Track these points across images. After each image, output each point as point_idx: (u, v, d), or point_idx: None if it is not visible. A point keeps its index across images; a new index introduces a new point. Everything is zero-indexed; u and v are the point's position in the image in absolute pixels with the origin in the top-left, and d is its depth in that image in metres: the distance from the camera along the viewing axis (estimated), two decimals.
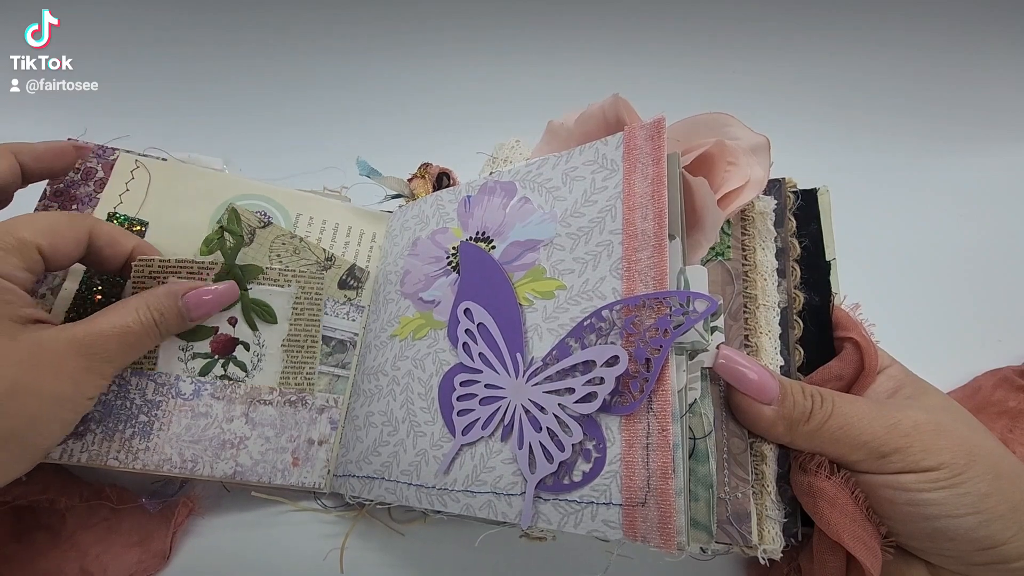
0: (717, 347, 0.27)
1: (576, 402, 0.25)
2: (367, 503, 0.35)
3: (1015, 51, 0.56)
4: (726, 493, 0.26)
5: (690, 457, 0.24)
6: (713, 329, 0.27)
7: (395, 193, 0.45)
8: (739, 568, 0.35)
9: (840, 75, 0.58)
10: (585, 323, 0.26)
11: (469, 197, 0.35)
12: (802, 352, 0.30)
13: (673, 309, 0.23)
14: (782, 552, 0.26)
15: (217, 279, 0.34)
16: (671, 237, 0.23)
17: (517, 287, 0.29)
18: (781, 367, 0.29)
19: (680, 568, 0.35)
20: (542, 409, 0.26)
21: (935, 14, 0.56)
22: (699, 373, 0.25)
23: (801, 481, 0.27)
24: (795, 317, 0.30)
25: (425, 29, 0.58)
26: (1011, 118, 0.56)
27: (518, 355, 0.28)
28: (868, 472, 0.26)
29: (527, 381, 0.27)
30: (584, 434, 0.25)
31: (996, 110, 0.56)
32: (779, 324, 0.30)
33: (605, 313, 0.25)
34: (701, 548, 0.25)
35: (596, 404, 0.24)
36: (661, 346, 0.22)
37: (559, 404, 0.25)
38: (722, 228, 0.31)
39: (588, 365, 0.25)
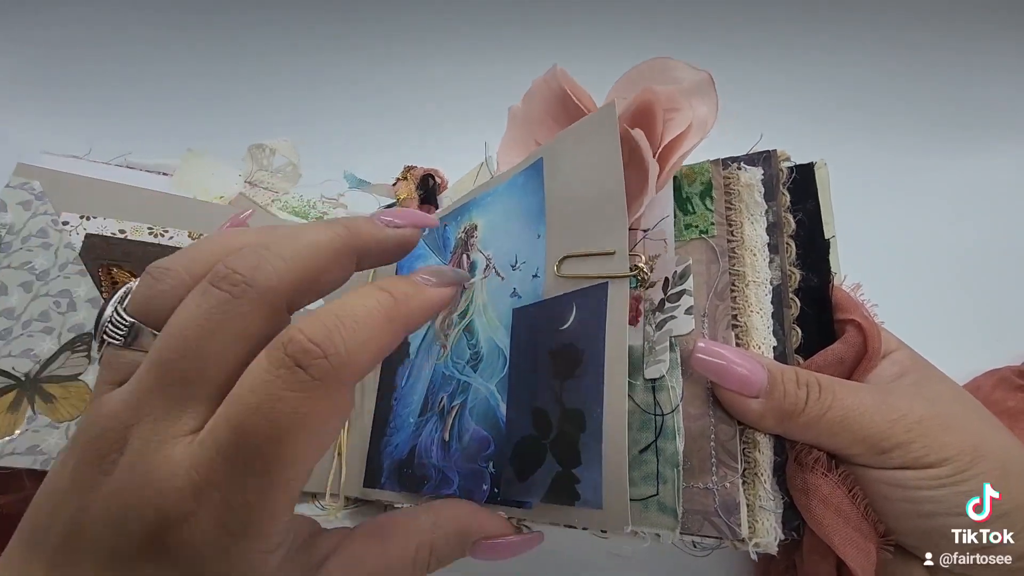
0: (694, 339, 0.25)
1: None
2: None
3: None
4: (713, 483, 0.24)
5: (658, 436, 0.22)
6: (682, 293, 0.25)
7: (388, 202, 0.46)
8: (743, 568, 0.33)
9: (839, 71, 0.57)
10: None
11: None
12: (799, 333, 0.28)
13: None
14: (780, 545, 0.23)
15: None
16: None
17: None
18: (775, 347, 0.27)
19: (681, 568, 0.33)
20: None
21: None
22: (667, 343, 0.23)
23: (796, 476, 0.25)
24: (791, 296, 0.28)
25: (407, 28, 0.59)
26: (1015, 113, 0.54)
27: None
28: (865, 466, 0.24)
29: None
30: None
31: (999, 104, 0.54)
32: (772, 303, 0.27)
33: None
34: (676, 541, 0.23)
35: None
36: None
37: None
38: (704, 203, 0.29)
39: None
